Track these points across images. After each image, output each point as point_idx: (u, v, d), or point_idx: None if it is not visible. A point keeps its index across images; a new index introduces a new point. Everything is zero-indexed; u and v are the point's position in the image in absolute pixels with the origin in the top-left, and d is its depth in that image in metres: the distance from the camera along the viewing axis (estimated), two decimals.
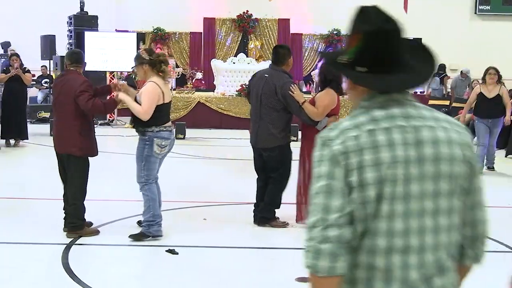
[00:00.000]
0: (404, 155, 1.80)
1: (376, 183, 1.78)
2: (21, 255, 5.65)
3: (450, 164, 1.85)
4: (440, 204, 1.84)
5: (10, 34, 19.72)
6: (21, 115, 12.43)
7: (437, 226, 1.85)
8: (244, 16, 20.78)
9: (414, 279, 1.83)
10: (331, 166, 1.82)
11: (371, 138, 1.81)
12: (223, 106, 16.57)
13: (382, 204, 1.79)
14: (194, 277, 5.12)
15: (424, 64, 1.97)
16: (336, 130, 1.86)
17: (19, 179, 9.36)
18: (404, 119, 1.85)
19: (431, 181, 1.83)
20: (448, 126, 1.90)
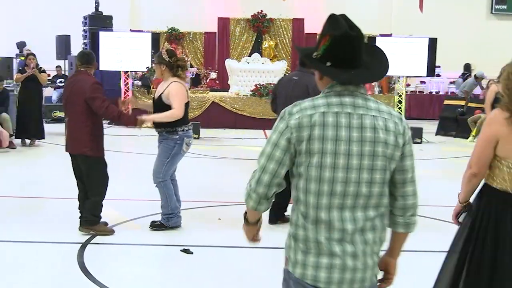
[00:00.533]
0: (347, 135, 2.34)
1: (319, 153, 2.34)
2: (37, 254, 5.67)
3: (384, 147, 2.38)
4: (374, 176, 2.38)
5: (25, 34, 19.85)
6: (37, 114, 12.49)
7: (371, 193, 2.39)
8: (259, 16, 20.76)
9: (350, 230, 2.37)
10: (279, 138, 2.39)
11: (322, 118, 2.35)
12: (237, 106, 16.56)
13: (325, 172, 2.35)
14: (209, 277, 5.11)
15: (378, 65, 2.51)
16: (298, 107, 2.40)
17: (35, 178, 9.41)
18: (352, 108, 2.37)
19: (368, 158, 2.36)
20: (387, 117, 2.41)
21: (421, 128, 14.85)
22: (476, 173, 3.29)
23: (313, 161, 2.35)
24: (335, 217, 2.37)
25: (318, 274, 2.39)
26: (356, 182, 2.36)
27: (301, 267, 2.44)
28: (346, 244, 2.37)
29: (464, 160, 4.44)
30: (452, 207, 3.70)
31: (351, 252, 2.38)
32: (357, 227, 2.38)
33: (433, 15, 20.16)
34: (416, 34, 18.57)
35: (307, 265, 2.42)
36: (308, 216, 2.40)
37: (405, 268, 5.19)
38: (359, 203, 2.38)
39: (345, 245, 2.37)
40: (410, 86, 20.04)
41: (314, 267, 2.40)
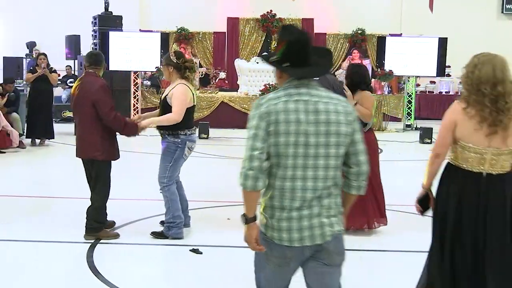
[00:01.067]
0: (305, 118, 2.89)
1: (284, 133, 2.88)
2: (47, 254, 5.69)
3: (337, 126, 2.93)
4: (330, 151, 2.92)
5: (35, 34, 19.91)
6: (47, 114, 12.53)
7: (327, 165, 2.93)
8: (268, 16, 20.73)
9: (310, 198, 2.92)
10: (258, 121, 2.91)
11: (285, 105, 2.91)
12: (246, 106, 16.55)
13: (289, 148, 2.88)
14: (218, 277, 5.10)
15: (325, 61, 3.16)
16: (265, 99, 2.98)
17: (44, 178, 9.44)
18: (308, 96, 2.96)
19: (323, 136, 2.90)
20: (337, 102, 3.00)
21: (431, 128, 14.77)
22: (438, 154, 3.81)
23: (280, 140, 2.89)
24: (298, 186, 2.92)
25: (281, 235, 2.97)
26: (314, 157, 2.91)
27: (270, 230, 3.01)
28: (304, 209, 2.93)
29: None
30: None
31: (307, 215, 2.94)
32: (316, 195, 2.93)
33: (443, 15, 20.07)
34: (426, 34, 18.49)
35: (274, 228, 2.99)
36: (275, 186, 2.94)
37: (407, 268, 5.17)
38: (318, 174, 2.92)
39: (302, 210, 2.93)
40: (420, 86, 19.95)
41: (277, 230, 2.97)
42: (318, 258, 3.02)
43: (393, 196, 6.91)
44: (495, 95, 3.58)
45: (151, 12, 21.24)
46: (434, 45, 16.69)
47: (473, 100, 3.62)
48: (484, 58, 3.66)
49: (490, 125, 3.58)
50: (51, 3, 20.09)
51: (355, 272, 5.33)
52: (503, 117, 3.56)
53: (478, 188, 3.67)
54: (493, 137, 3.60)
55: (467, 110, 3.63)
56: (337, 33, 20.87)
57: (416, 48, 16.84)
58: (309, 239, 2.94)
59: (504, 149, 3.64)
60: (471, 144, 3.66)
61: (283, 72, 3.04)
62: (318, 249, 2.98)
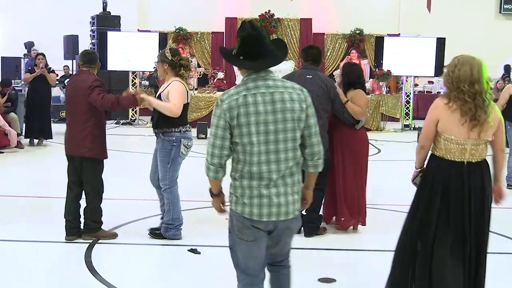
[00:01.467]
0: (263, 109, 3.28)
1: (246, 124, 3.27)
2: (45, 254, 5.69)
3: (292, 112, 3.32)
4: (288, 135, 3.33)
5: (33, 34, 19.90)
6: (45, 114, 12.54)
7: (287, 148, 3.33)
8: (266, 16, 20.72)
9: (275, 178, 3.34)
10: (218, 120, 3.31)
11: (244, 100, 3.29)
12: None
13: (253, 137, 3.28)
14: (216, 277, 5.10)
15: (281, 53, 3.49)
16: (226, 95, 3.35)
17: (43, 178, 9.44)
18: (265, 88, 3.33)
19: (281, 123, 3.30)
20: (291, 91, 3.38)
21: None
22: (423, 145, 4.25)
23: (243, 131, 3.29)
24: (264, 169, 3.32)
25: (252, 210, 3.35)
26: (275, 142, 3.31)
27: (240, 206, 3.39)
28: (272, 187, 3.34)
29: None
30: None
31: (275, 193, 3.34)
32: (280, 175, 3.34)
33: (441, 15, 20.08)
34: (424, 34, 18.52)
35: (245, 204, 3.36)
36: (244, 171, 3.35)
37: None
38: (280, 157, 3.33)
39: (271, 189, 3.34)
40: (418, 86, 19.97)
41: (249, 205, 3.35)
42: (280, 232, 3.48)
43: (393, 196, 6.93)
44: (473, 92, 3.98)
45: (149, 12, 21.24)
46: (432, 45, 16.71)
47: (453, 96, 4.03)
48: (464, 59, 4.05)
49: (471, 120, 3.99)
50: (49, 3, 20.06)
51: (356, 272, 5.35)
52: (480, 112, 3.98)
53: (462, 175, 4.08)
54: (473, 130, 4.01)
55: (449, 105, 4.03)
56: (336, 33, 20.86)
57: (414, 48, 16.86)
58: (275, 215, 3.37)
59: (481, 140, 4.07)
60: (453, 136, 4.06)
61: (239, 65, 3.46)
62: (282, 224, 3.42)
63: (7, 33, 20.54)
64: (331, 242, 6.11)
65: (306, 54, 6.41)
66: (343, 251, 5.88)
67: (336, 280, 5.02)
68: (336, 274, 5.13)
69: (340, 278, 5.08)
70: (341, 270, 5.32)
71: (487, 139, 4.09)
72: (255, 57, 3.35)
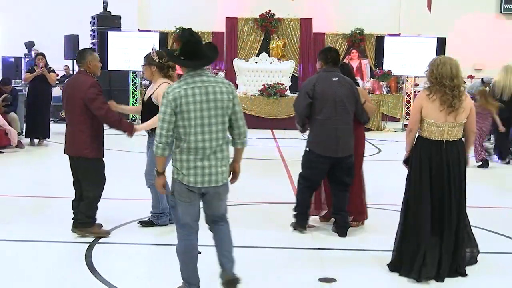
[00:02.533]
0: (199, 99, 4.20)
1: (186, 111, 4.19)
2: (45, 253, 5.69)
3: (221, 102, 4.26)
4: (218, 120, 4.26)
5: (34, 34, 19.87)
6: (45, 114, 12.54)
7: (217, 129, 4.27)
8: (267, 16, 20.72)
9: (208, 153, 4.26)
10: (165, 108, 4.20)
11: (185, 92, 4.20)
12: (245, 106, 16.55)
13: (191, 121, 4.19)
14: (217, 276, 5.10)
15: (212, 55, 4.41)
16: (171, 88, 4.24)
17: (43, 177, 9.44)
18: (201, 82, 4.25)
19: (213, 110, 4.24)
20: (221, 85, 4.30)
21: None
22: (411, 128, 5.28)
23: (184, 116, 4.20)
24: (199, 146, 4.24)
25: (189, 179, 4.28)
26: (209, 125, 4.24)
27: (180, 175, 4.31)
28: (205, 160, 4.26)
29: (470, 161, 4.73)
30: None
31: (207, 165, 4.27)
32: (212, 151, 4.27)
33: (442, 15, 20.06)
34: (424, 33, 18.51)
35: (184, 175, 4.28)
36: (184, 147, 4.26)
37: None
38: (212, 137, 4.25)
39: (204, 161, 4.26)
40: (419, 86, 19.95)
41: (187, 175, 4.28)
42: (212, 196, 4.40)
43: (393, 196, 6.92)
44: (452, 86, 5.03)
45: (149, 12, 21.22)
46: (432, 45, 16.70)
47: (435, 89, 5.07)
48: (444, 60, 5.16)
49: (448, 107, 5.02)
50: (49, 3, 20.05)
51: (356, 272, 5.34)
52: (456, 101, 5.02)
53: (441, 151, 5.12)
54: (449, 115, 5.04)
55: (430, 96, 5.07)
56: (336, 33, 20.87)
57: (414, 48, 16.85)
58: (208, 182, 4.30)
59: (457, 123, 5.10)
60: (433, 120, 5.09)
61: (181, 64, 4.37)
62: (213, 189, 4.35)
63: (7, 33, 20.53)
64: (331, 242, 6.11)
65: (326, 56, 6.35)
66: (343, 251, 5.88)
67: (337, 280, 5.02)
68: (336, 274, 5.13)
69: (341, 278, 5.08)
70: (341, 270, 5.32)
71: (461, 121, 5.10)
72: (193, 57, 4.27)
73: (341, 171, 6.24)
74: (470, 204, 5.43)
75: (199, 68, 4.29)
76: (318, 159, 6.22)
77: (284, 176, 9.51)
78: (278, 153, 12.15)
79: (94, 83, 5.91)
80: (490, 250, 5.94)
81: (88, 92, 5.79)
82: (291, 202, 7.23)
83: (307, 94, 6.17)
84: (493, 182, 9.87)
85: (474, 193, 7.62)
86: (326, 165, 6.22)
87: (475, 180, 9.84)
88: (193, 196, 4.35)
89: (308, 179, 6.39)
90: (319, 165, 6.25)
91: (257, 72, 18.20)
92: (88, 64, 6.00)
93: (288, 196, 7.76)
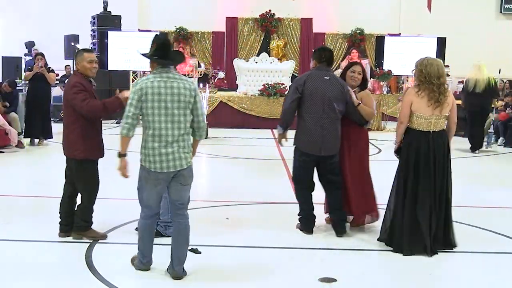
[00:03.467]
0: (164, 91, 4.75)
1: (151, 101, 4.74)
2: (45, 253, 5.69)
3: (184, 97, 4.80)
4: (180, 112, 4.79)
5: (34, 33, 19.90)
6: (45, 114, 12.54)
7: (179, 120, 4.80)
8: (267, 16, 20.74)
9: (171, 141, 4.79)
10: (133, 95, 4.77)
11: (152, 84, 4.77)
12: (245, 105, 16.56)
13: (155, 111, 4.75)
14: (217, 277, 5.10)
15: (179, 57, 5.08)
16: (140, 79, 4.85)
17: (44, 177, 9.44)
18: (167, 78, 4.81)
19: (176, 103, 4.77)
20: (185, 82, 4.88)
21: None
22: (402, 121, 5.88)
23: (149, 105, 4.76)
24: (163, 134, 4.78)
25: (154, 165, 4.83)
26: (171, 115, 4.77)
27: (148, 162, 4.86)
28: (168, 148, 4.79)
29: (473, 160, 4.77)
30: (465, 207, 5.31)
31: (170, 152, 4.80)
32: (174, 139, 4.80)
33: (442, 15, 20.06)
34: (424, 33, 18.52)
35: (150, 161, 4.84)
36: (149, 134, 4.80)
37: (408, 267, 5.18)
38: (174, 126, 4.79)
39: (167, 148, 4.79)
40: None
41: (153, 162, 4.82)
42: (177, 180, 4.90)
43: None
44: (439, 84, 5.71)
45: (150, 11, 21.23)
46: (432, 44, 16.71)
47: (424, 87, 5.72)
48: (431, 61, 5.76)
49: (435, 102, 5.70)
50: (50, 3, 20.07)
51: (356, 272, 5.34)
52: (442, 96, 5.72)
53: (428, 141, 5.79)
54: (436, 109, 5.72)
55: (419, 93, 5.73)
56: (336, 33, 20.88)
57: (414, 48, 16.84)
58: (172, 167, 4.83)
59: (442, 115, 5.80)
60: (421, 114, 5.77)
61: (154, 62, 4.94)
62: (177, 174, 4.87)
63: (7, 32, 20.54)
64: (331, 242, 6.11)
65: (320, 55, 6.35)
66: (343, 251, 5.87)
67: (337, 280, 5.02)
68: (336, 274, 5.13)
69: (341, 278, 5.08)
70: (342, 270, 5.31)
71: (446, 114, 5.82)
72: (164, 57, 4.88)
73: (325, 170, 6.28)
74: (470, 205, 5.43)
75: (167, 66, 4.89)
76: (302, 157, 6.28)
77: (284, 176, 9.51)
78: (278, 153, 12.14)
79: (74, 83, 5.84)
80: (490, 250, 5.95)
81: (69, 93, 5.79)
82: (291, 202, 7.25)
83: (296, 89, 6.20)
84: (493, 182, 9.87)
85: (474, 193, 7.65)
86: (310, 163, 6.28)
87: (476, 179, 9.85)
88: (157, 181, 4.88)
89: (298, 180, 6.42)
90: (304, 164, 6.30)
91: (257, 72, 18.21)
92: (77, 65, 6.00)
93: (288, 196, 7.77)
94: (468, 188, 8.92)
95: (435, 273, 5.33)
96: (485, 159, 12.23)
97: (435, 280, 5.20)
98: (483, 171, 10.96)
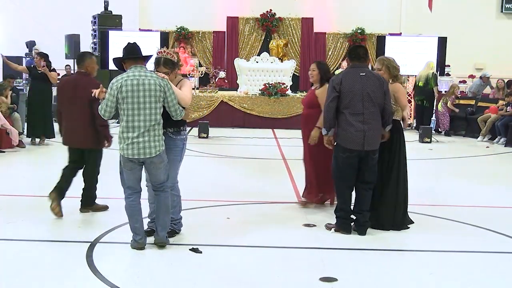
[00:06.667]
0: (137, 88, 5.43)
1: (125, 96, 5.43)
2: (46, 253, 5.69)
3: (154, 91, 5.46)
4: (151, 105, 5.45)
5: (35, 33, 19.91)
6: (47, 113, 12.54)
7: (151, 113, 5.45)
8: (268, 15, 20.75)
9: (142, 131, 5.44)
10: (110, 90, 5.49)
11: (124, 82, 5.45)
12: (246, 105, 16.56)
13: (129, 105, 5.43)
14: (217, 276, 5.10)
15: (147, 59, 5.72)
16: (115, 79, 5.53)
17: (44, 177, 9.43)
18: (138, 76, 5.48)
19: (147, 97, 5.44)
20: (155, 77, 5.52)
21: (430, 128, 14.80)
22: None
23: (123, 100, 5.40)
24: (135, 125, 5.40)
25: (127, 152, 5.45)
26: (143, 108, 5.40)
27: (123, 150, 5.46)
28: (140, 137, 5.40)
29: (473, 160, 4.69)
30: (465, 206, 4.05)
31: (142, 141, 5.40)
32: (145, 129, 5.41)
33: (443, 14, 20.07)
34: (425, 33, 18.51)
35: (124, 149, 5.45)
36: (123, 125, 5.43)
37: (407, 267, 5.16)
38: (146, 118, 5.41)
39: (139, 138, 5.40)
40: None
41: (126, 149, 5.44)
42: (149, 166, 5.54)
43: None
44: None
45: (150, 11, 21.25)
46: (433, 44, 16.69)
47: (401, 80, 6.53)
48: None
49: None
50: (50, 3, 20.09)
51: (356, 271, 5.34)
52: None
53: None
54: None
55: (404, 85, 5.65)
56: (337, 33, 20.88)
57: (415, 48, 16.84)
58: (142, 154, 5.44)
59: None
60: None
61: (126, 62, 5.59)
62: (148, 160, 5.48)
63: (8, 32, 20.56)
64: (331, 242, 6.11)
65: (350, 53, 6.58)
66: (343, 251, 5.88)
67: (338, 280, 5.02)
68: (337, 274, 5.13)
69: (341, 277, 5.08)
70: (342, 269, 5.32)
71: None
72: (135, 58, 5.56)
73: (366, 166, 6.25)
74: (470, 204, 5.42)
75: (139, 65, 5.54)
76: (345, 153, 6.24)
77: (285, 175, 9.51)
78: (279, 152, 12.14)
79: (98, 83, 6.56)
80: (490, 250, 5.96)
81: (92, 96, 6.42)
82: (292, 202, 7.27)
83: (334, 88, 6.22)
84: (492, 182, 9.87)
85: (474, 193, 7.68)
86: (354, 158, 6.22)
87: (476, 179, 9.86)
88: (133, 165, 5.53)
89: (343, 177, 6.36)
90: (348, 160, 6.24)
91: (258, 72, 18.21)
92: (87, 66, 6.88)
93: (289, 196, 7.77)
94: (468, 188, 8.92)
95: (436, 273, 5.33)
96: (485, 158, 12.24)
97: (435, 279, 5.20)
98: (483, 171, 10.96)
